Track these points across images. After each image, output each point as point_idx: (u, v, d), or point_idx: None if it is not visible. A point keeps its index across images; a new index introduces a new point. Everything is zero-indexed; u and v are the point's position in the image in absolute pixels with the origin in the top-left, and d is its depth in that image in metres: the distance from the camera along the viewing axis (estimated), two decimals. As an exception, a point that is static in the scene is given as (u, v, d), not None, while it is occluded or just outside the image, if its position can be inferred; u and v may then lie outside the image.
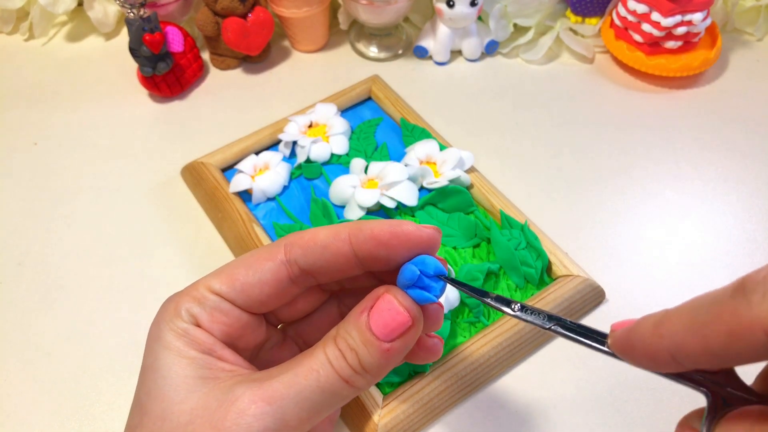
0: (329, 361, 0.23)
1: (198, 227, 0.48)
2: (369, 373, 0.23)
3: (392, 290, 0.23)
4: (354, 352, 0.23)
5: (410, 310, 0.23)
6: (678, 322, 0.18)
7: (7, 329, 0.43)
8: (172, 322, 0.24)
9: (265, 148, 0.51)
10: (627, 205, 0.49)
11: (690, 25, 0.55)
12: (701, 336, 0.17)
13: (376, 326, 0.23)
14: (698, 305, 0.18)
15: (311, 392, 0.22)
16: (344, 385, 0.23)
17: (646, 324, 0.20)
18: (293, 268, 0.25)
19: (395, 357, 0.23)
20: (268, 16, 0.57)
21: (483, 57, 0.61)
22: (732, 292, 0.17)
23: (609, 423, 0.38)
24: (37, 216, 0.50)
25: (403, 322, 0.23)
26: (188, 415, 0.22)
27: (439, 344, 0.28)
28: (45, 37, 0.64)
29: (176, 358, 0.24)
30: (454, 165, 0.47)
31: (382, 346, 0.23)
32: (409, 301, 0.23)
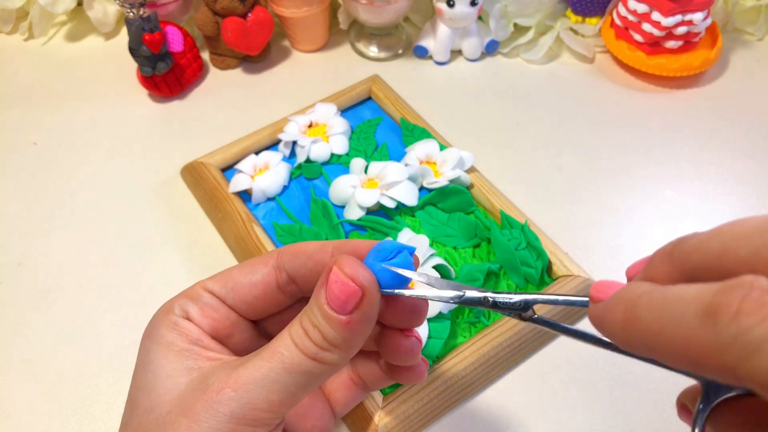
0: (293, 341, 0.23)
1: (198, 227, 0.48)
2: (337, 348, 0.23)
3: (338, 262, 0.23)
4: (317, 329, 0.23)
5: (355, 279, 0.22)
6: (647, 323, 0.17)
7: (7, 329, 0.43)
8: (165, 316, 0.26)
9: (264, 148, 0.51)
10: (627, 205, 0.49)
11: (690, 24, 0.55)
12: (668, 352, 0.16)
13: (332, 300, 0.23)
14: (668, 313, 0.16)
15: (277, 374, 0.23)
16: (312, 363, 0.23)
17: (617, 310, 0.18)
18: (281, 274, 0.26)
19: (358, 328, 0.23)
20: (268, 15, 0.57)
21: (483, 57, 0.61)
22: (702, 316, 0.15)
23: (609, 423, 0.38)
24: (37, 216, 0.49)
25: (352, 292, 0.22)
26: (169, 405, 0.23)
27: (422, 366, 0.27)
28: (44, 36, 0.64)
29: (165, 352, 0.24)
30: (454, 165, 0.47)
31: (340, 319, 0.23)
32: (355, 269, 0.23)
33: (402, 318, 0.26)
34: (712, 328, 0.15)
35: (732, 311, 0.15)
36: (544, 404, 0.39)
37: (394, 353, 0.27)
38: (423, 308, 0.26)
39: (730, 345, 0.15)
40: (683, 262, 0.18)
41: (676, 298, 0.16)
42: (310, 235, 0.45)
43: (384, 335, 0.26)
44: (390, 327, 0.26)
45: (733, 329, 0.15)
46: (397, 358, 0.27)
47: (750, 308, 0.14)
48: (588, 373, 0.40)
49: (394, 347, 0.26)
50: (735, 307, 0.15)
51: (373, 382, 0.29)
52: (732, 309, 0.15)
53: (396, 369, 0.28)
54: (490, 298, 0.24)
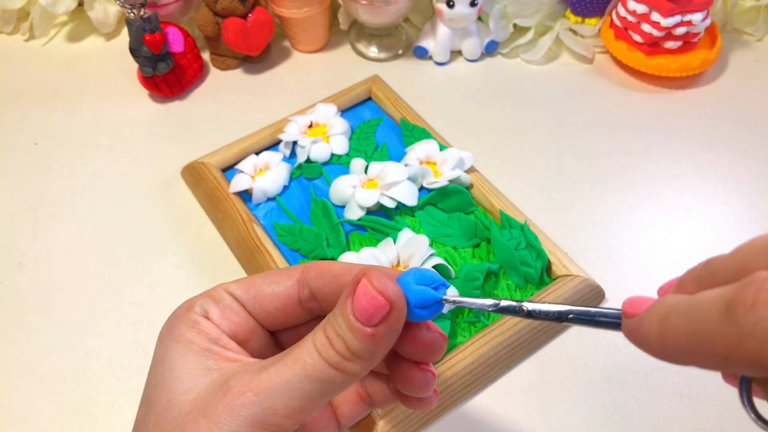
0: (317, 349, 0.23)
1: (198, 227, 0.48)
2: (360, 359, 0.23)
3: (368, 275, 0.23)
4: (341, 339, 0.23)
5: (385, 294, 0.23)
6: (678, 329, 0.18)
7: (7, 329, 0.43)
8: (185, 315, 0.25)
9: (265, 148, 0.52)
10: (627, 205, 0.49)
11: (689, 25, 0.55)
12: (701, 355, 0.17)
13: (358, 311, 0.23)
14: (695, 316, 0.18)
15: (299, 381, 0.23)
16: (334, 372, 0.23)
17: (651, 322, 0.19)
18: (304, 289, 0.26)
19: (383, 341, 0.23)
20: (269, 16, 0.57)
21: (483, 57, 0.61)
22: (724, 313, 0.16)
23: (609, 423, 0.38)
24: (38, 216, 0.50)
25: (380, 306, 0.23)
26: (189, 405, 0.23)
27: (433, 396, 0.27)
28: (45, 37, 0.64)
29: (183, 351, 0.24)
30: (454, 165, 0.47)
31: (366, 331, 0.23)
32: (384, 284, 0.23)
33: (420, 352, 0.25)
34: (733, 322, 0.16)
35: (748, 303, 0.16)
36: (544, 404, 0.39)
37: (408, 385, 0.26)
38: (442, 345, 0.26)
39: (751, 334, 0.16)
40: (710, 281, 0.19)
41: (701, 301, 0.18)
42: (311, 235, 0.45)
43: (399, 365, 0.26)
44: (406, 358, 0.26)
45: (751, 319, 0.16)
46: (410, 390, 0.27)
47: (765, 299, 0.16)
48: (588, 373, 0.40)
49: (408, 379, 0.26)
50: (751, 299, 0.16)
51: (381, 400, 0.29)
52: (748, 301, 0.16)
53: (406, 398, 0.28)
54: (524, 308, 0.24)
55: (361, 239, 0.45)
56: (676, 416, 0.38)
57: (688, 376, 0.40)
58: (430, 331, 0.26)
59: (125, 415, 0.39)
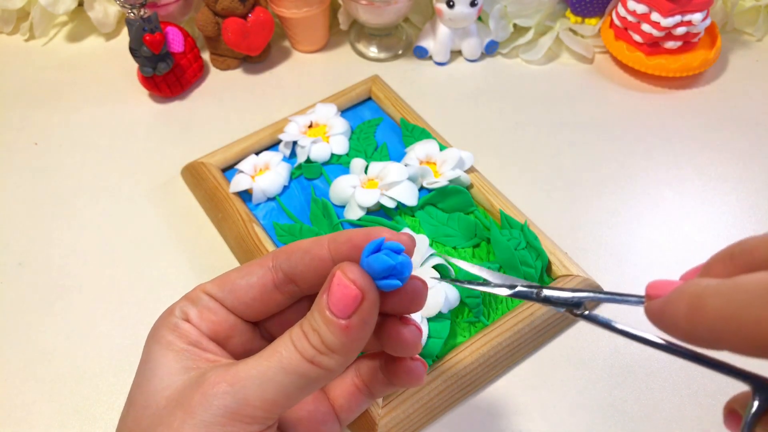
0: (292, 342, 0.24)
1: (198, 227, 0.48)
2: (335, 353, 0.23)
3: (342, 266, 0.24)
4: (316, 333, 0.23)
5: (357, 282, 0.23)
6: (715, 310, 0.17)
7: (8, 329, 0.43)
8: (167, 319, 0.26)
9: (265, 148, 0.52)
10: (626, 205, 0.49)
11: (689, 25, 0.55)
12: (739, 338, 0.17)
13: (332, 304, 0.23)
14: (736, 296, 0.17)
15: (274, 373, 0.23)
16: (309, 366, 0.23)
17: (681, 302, 0.19)
18: (278, 274, 0.27)
19: (356, 333, 0.23)
20: (269, 16, 0.57)
21: (483, 57, 0.61)
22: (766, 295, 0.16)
23: (609, 423, 0.38)
24: (38, 216, 0.50)
25: (353, 296, 0.23)
26: (165, 400, 0.23)
27: (421, 368, 0.28)
28: (45, 37, 0.64)
29: (164, 351, 0.25)
30: (454, 165, 0.47)
31: (339, 323, 0.23)
32: (357, 273, 0.23)
33: (401, 303, 0.26)
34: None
35: None
36: (544, 403, 0.39)
37: (394, 342, 0.27)
38: (422, 292, 0.26)
39: None
40: (747, 260, 0.19)
41: (747, 283, 0.17)
42: (311, 235, 0.45)
43: (384, 324, 0.27)
44: (390, 315, 0.27)
45: None
46: (397, 348, 0.27)
47: None
48: (588, 373, 0.40)
49: (393, 336, 0.27)
50: None
51: (377, 388, 0.29)
52: None
53: (395, 372, 0.28)
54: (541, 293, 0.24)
55: (361, 239, 0.45)
56: (676, 416, 0.38)
57: (688, 376, 0.40)
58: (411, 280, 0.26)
59: (125, 415, 0.39)
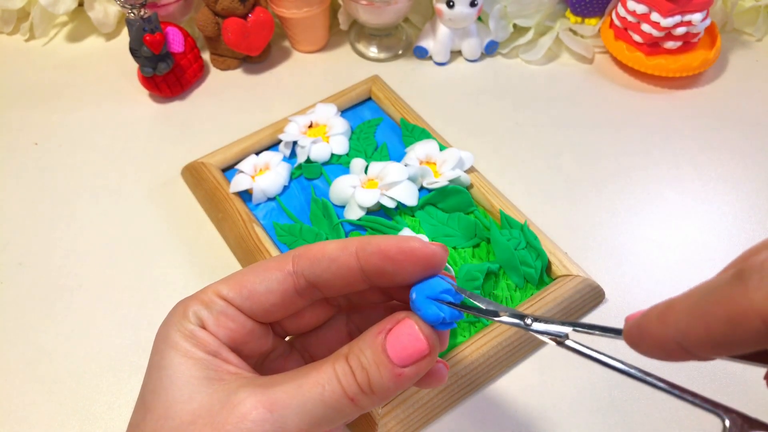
0: (337, 377, 0.23)
1: (198, 227, 0.49)
2: (376, 395, 0.23)
3: (414, 316, 0.23)
4: (365, 372, 0.23)
5: (429, 339, 0.23)
6: (681, 309, 0.18)
7: (8, 329, 0.43)
8: (180, 323, 0.25)
9: (265, 148, 0.52)
10: (626, 205, 0.49)
11: (689, 25, 0.55)
12: (704, 323, 0.17)
13: (393, 349, 0.23)
14: (700, 292, 0.18)
15: (314, 405, 0.22)
16: (349, 403, 0.23)
17: (652, 313, 0.20)
18: (300, 280, 0.26)
19: (406, 382, 0.23)
20: (269, 16, 0.57)
21: (483, 57, 0.61)
22: (731, 278, 0.17)
23: (609, 423, 0.38)
24: (38, 216, 0.50)
25: (421, 350, 0.23)
26: (191, 414, 0.22)
27: (444, 370, 0.27)
28: (45, 37, 0.64)
29: (182, 359, 0.24)
30: (453, 165, 0.47)
31: (395, 369, 0.23)
32: (430, 329, 0.23)
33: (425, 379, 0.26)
34: (743, 285, 0.17)
35: (758, 265, 0.16)
36: (544, 403, 0.39)
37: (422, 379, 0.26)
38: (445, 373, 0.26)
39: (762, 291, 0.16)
40: None
41: (707, 281, 0.18)
42: (311, 235, 0.45)
43: None
44: None
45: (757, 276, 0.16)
46: (424, 383, 0.27)
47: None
48: (587, 373, 0.40)
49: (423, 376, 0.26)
50: (760, 262, 0.16)
51: None
52: (757, 264, 0.16)
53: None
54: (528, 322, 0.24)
55: (361, 239, 0.45)
56: (676, 416, 0.38)
57: (688, 376, 0.40)
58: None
59: (125, 415, 0.39)
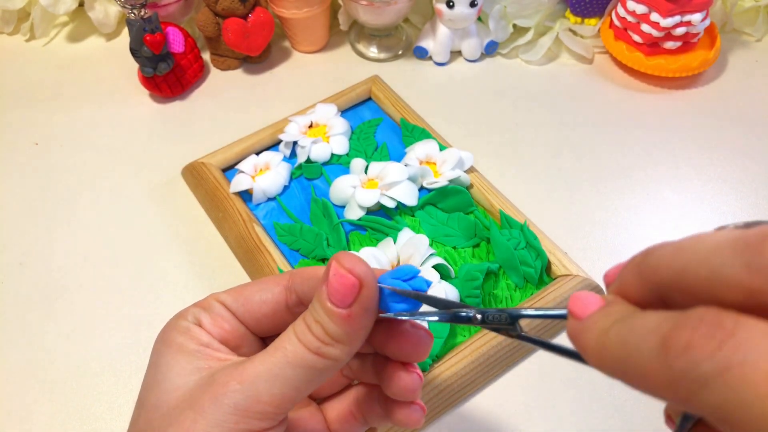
0: (296, 336, 0.24)
1: (198, 227, 0.49)
2: (339, 342, 0.24)
3: (337, 256, 0.24)
4: (319, 324, 0.23)
5: (353, 271, 0.23)
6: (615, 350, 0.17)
7: (9, 328, 0.43)
8: (177, 323, 0.26)
9: (265, 148, 0.52)
10: (626, 205, 0.49)
11: (689, 25, 0.55)
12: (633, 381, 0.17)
13: (333, 295, 0.23)
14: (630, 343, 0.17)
15: (281, 368, 0.23)
16: (315, 357, 0.23)
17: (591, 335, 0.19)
18: (291, 295, 0.27)
19: (359, 322, 0.24)
20: (269, 16, 0.57)
21: (482, 57, 0.61)
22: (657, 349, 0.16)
23: (609, 423, 0.38)
24: (38, 216, 0.50)
25: (351, 284, 0.23)
26: (176, 400, 0.24)
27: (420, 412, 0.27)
28: (46, 37, 0.64)
29: (174, 354, 0.25)
30: (453, 165, 0.47)
31: (341, 313, 0.23)
32: (353, 262, 0.23)
33: (405, 350, 0.26)
34: (665, 361, 0.15)
35: (682, 345, 0.15)
36: (544, 403, 0.39)
37: (395, 387, 0.27)
38: (427, 342, 0.26)
39: (682, 378, 0.15)
40: (650, 277, 0.18)
41: (638, 328, 0.17)
42: (311, 235, 0.45)
43: (386, 367, 0.27)
44: (393, 360, 0.27)
45: (683, 363, 0.15)
46: (397, 393, 0.27)
47: (699, 342, 0.15)
48: (587, 373, 0.40)
49: (395, 380, 0.27)
50: (685, 341, 0.15)
51: (373, 418, 0.29)
52: (682, 343, 0.15)
53: (392, 412, 0.28)
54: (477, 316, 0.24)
55: (361, 239, 0.45)
56: (676, 416, 0.38)
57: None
58: (415, 329, 0.26)
59: (125, 415, 0.39)
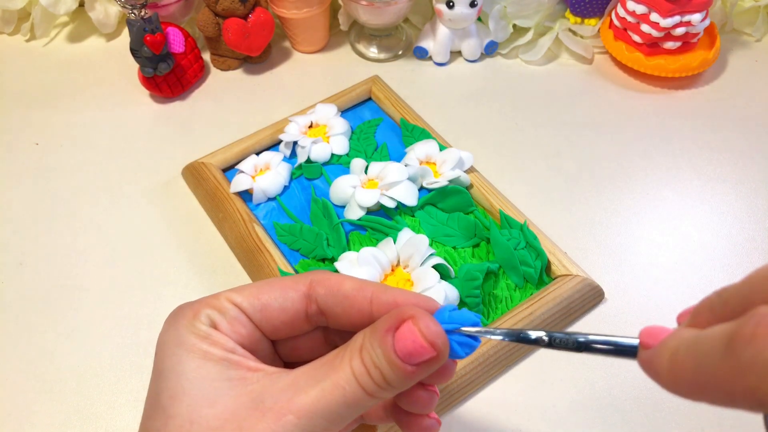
0: (355, 377, 0.23)
1: (199, 227, 0.49)
2: (393, 387, 0.24)
3: (416, 319, 0.23)
4: (378, 370, 0.23)
5: (434, 344, 0.23)
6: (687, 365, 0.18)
7: (9, 328, 0.43)
8: (192, 325, 0.25)
9: (265, 148, 0.52)
10: (626, 205, 0.49)
11: (689, 25, 0.55)
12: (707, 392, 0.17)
13: (401, 350, 0.23)
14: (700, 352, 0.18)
15: (338, 406, 0.23)
16: (368, 398, 0.23)
17: (663, 358, 0.19)
18: (312, 306, 0.26)
19: (419, 376, 0.24)
20: (269, 16, 0.57)
21: (482, 58, 0.61)
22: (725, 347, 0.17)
23: (608, 423, 0.38)
24: (39, 216, 0.50)
25: (426, 353, 0.23)
26: (216, 419, 0.23)
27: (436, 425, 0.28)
28: (46, 37, 0.64)
29: (201, 361, 0.24)
30: (453, 165, 0.47)
31: (406, 368, 0.23)
32: (433, 332, 0.23)
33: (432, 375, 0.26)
34: (733, 356, 0.16)
35: (747, 336, 0.16)
36: (544, 403, 0.39)
37: (411, 402, 0.27)
38: (453, 369, 0.26)
39: (749, 368, 0.16)
40: (723, 311, 0.19)
41: (706, 337, 0.18)
42: (311, 235, 0.45)
43: None
44: None
45: (749, 352, 0.16)
46: (411, 407, 0.27)
47: (763, 332, 0.16)
48: (587, 373, 0.40)
49: (412, 396, 0.27)
50: (749, 333, 0.16)
51: (372, 418, 0.29)
52: (747, 334, 0.16)
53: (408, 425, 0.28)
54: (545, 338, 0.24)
55: (361, 239, 0.45)
56: (676, 416, 0.38)
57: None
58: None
59: (126, 415, 0.39)
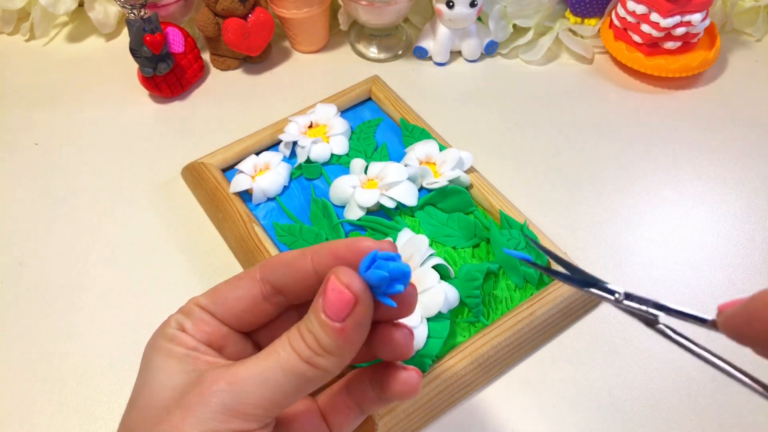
0: (290, 343, 0.24)
1: (198, 227, 0.49)
2: (330, 354, 0.24)
3: (336, 271, 0.24)
4: (312, 334, 0.24)
5: (351, 287, 0.24)
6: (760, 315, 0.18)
7: (8, 329, 0.43)
8: (163, 330, 0.27)
9: (265, 148, 0.52)
10: (626, 205, 0.49)
11: (689, 25, 0.55)
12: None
13: (328, 308, 0.24)
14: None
15: (272, 372, 0.24)
16: (306, 366, 0.24)
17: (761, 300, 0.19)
18: (266, 286, 0.27)
19: (351, 336, 0.24)
20: (269, 16, 0.57)
21: (482, 57, 0.61)
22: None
23: (608, 423, 0.38)
24: (38, 216, 0.50)
25: (347, 300, 0.24)
26: (165, 401, 0.24)
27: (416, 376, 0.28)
28: (46, 37, 0.64)
29: (164, 358, 0.26)
30: (453, 165, 0.47)
31: (334, 326, 0.24)
32: (351, 278, 0.24)
33: (392, 310, 0.26)
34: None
35: None
36: (544, 403, 0.39)
37: (386, 346, 0.27)
38: (412, 298, 0.27)
39: None
40: None
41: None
42: (311, 235, 0.45)
43: (375, 330, 0.27)
44: (382, 321, 0.27)
45: None
46: (390, 352, 0.27)
47: None
48: (587, 373, 0.40)
49: (386, 340, 0.27)
50: None
51: (368, 405, 0.30)
52: None
53: (388, 384, 0.28)
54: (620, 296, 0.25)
55: (361, 239, 0.45)
56: (676, 416, 0.38)
57: (688, 376, 0.40)
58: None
59: (125, 414, 0.39)
